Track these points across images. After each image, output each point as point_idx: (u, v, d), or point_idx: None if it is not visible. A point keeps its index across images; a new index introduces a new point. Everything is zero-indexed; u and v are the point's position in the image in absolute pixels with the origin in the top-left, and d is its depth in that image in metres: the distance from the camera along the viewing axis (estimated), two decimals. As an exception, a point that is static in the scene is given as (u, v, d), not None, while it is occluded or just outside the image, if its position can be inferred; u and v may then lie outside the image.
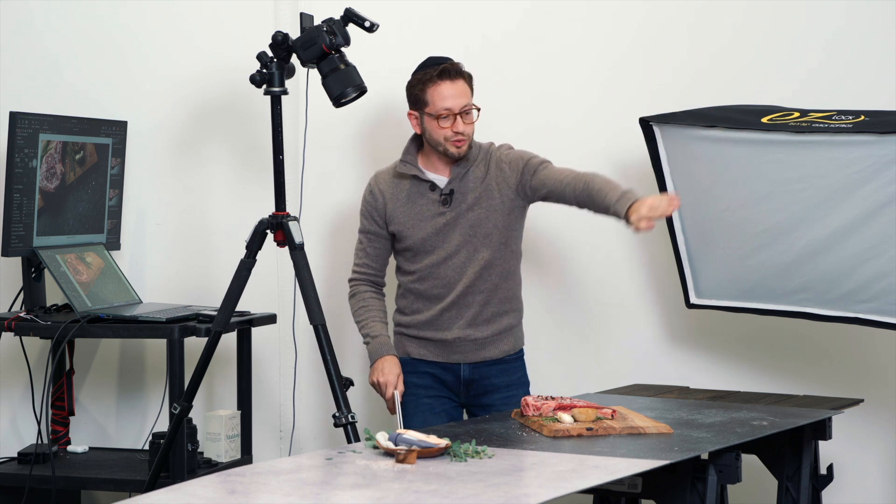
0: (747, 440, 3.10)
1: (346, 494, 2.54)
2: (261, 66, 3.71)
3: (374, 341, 3.70)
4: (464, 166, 3.67)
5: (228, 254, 4.30)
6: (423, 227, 3.67)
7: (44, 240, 4.17)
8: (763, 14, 4.12)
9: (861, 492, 4.09)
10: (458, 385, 3.71)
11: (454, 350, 3.69)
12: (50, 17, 4.64)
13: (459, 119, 3.61)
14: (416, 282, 3.71)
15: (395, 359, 3.68)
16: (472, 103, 3.65)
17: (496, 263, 3.67)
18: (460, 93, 3.62)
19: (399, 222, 3.69)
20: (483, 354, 3.70)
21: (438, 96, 3.61)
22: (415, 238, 3.68)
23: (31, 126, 4.09)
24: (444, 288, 3.67)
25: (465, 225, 3.65)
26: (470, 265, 3.66)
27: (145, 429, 4.55)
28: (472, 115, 3.64)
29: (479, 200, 3.65)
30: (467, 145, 3.64)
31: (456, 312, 3.67)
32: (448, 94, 3.60)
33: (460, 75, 3.63)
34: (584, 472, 2.70)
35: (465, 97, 3.63)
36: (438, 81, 3.61)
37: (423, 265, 3.69)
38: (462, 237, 3.65)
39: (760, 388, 4.07)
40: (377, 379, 3.66)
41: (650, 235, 4.21)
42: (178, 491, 2.56)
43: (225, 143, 4.54)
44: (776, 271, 3.77)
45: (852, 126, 3.53)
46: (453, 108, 3.60)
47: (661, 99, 4.07)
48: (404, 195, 3.70)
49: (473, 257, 3.65)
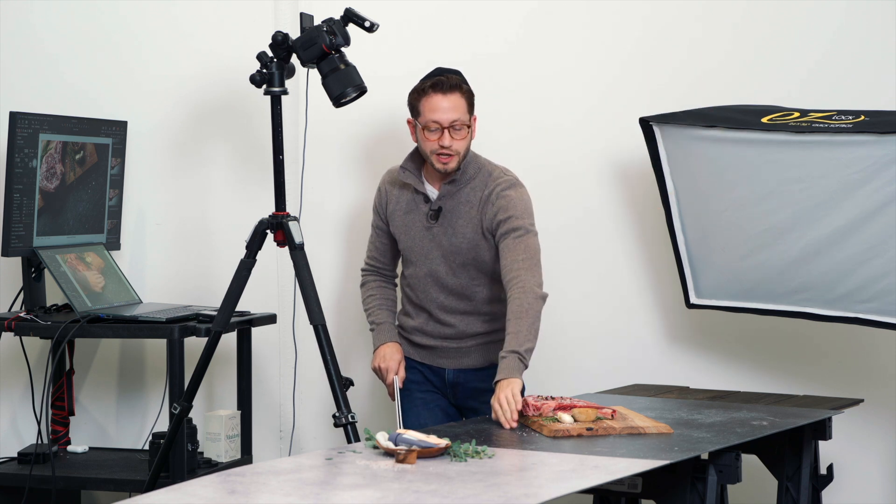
0: (747, 440, 3.10)
1: (346, 494, 2.53)
2: (261, 66, 3.71)
3: (378, 328, 3.76)
4: (456, 184, 3.62)
5: (228, 254, 4.30)
6: (412, 237, 3.69)
7: (44, 240, 4.16)
8: (763, 14, 4.11)
9: (861, 492, 4.09)
10: (445, 387, 3.74)
11: (438, 356, 3.72)
12: (50, 17, 4.64)
13: (447, 133, 3.55)
14: (407, 286, 3.77)
15: (396, 345, 3.73)
16: (465, 120, 3.57)
17: (477, 289, 3.67)
18: (451, 107, 3.55)
19: (395, 226, 3.73)
20: (466, 362, 3.72)
21: (428, 108, 3.56)
22: (404, 245, 3.72)
23: (31, 126, 4.09)
24: (424, 302, 3.71)
25: (446, 245, 3.64)
26: (445, 290, 3.67)
27: (145, 429, 4.55)
28: (463, 132, 3.56)
29: (466, 224, 3.61)
30: (455, 162, 3.58)
31: (438, 327, 3.71)
32: (438, 106, 3.54)
33: (455, 89, 3.56)
34: (584, 472, 2.70)
35: (456, 112, 3.55)
36: (431, 93, 3.55)
37: (410, 272, 3.74)
38: (442, 256, 3.65)
39: (760, 388, 4.07)
40: (378, 364, 3.72)
41: (650, 235, 4.22)
42: (178, 491, 2.56)
43: (225, 143, 4.54)
44: (776, 271, 3.77)
45: (852, 126, 3.53)
46: (441, 122, 3.54)
47: (661, 99, 4.07)
48: (403, 201, 3.71)
49: (451, 282, 3.66)
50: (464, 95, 3.58)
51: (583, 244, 4.29)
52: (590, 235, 4.28)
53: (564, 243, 4.28)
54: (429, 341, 3.72)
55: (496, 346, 3.65)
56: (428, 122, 3.56)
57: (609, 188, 4.26)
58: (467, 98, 3.59)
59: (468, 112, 3.59)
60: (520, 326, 3.40)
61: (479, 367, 3.72)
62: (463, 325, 3.69)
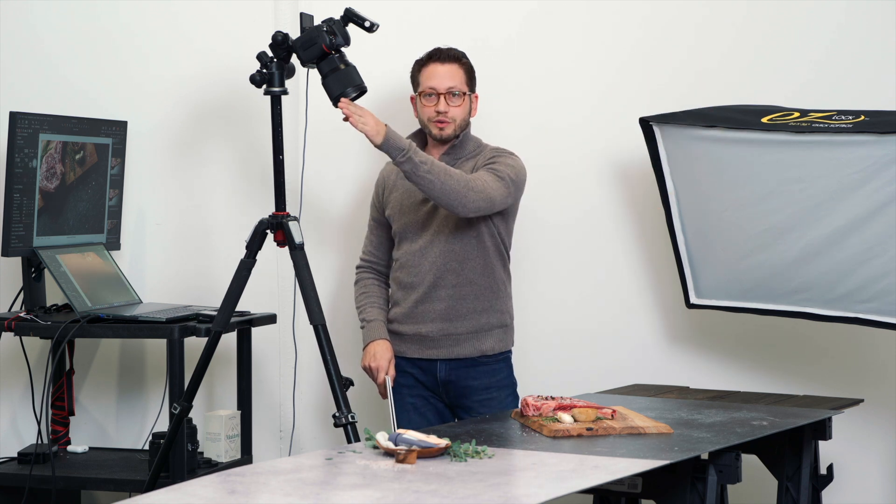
0: (747, 440, 3.10)
1: (346, 494, 2.53)
2: (261, 66, 3.71)
3: (368, 325, 3.78)
4: (453, 156, 3.69)
5: (228, 254, 4.30)
6: (407, 214, 3.74)
7: (44, 240, 4.16)
8: (763, 14, 4.11)
9: (861, 492, 4.09)
10: (437, 386, 3.74)
11: (430, 345, 3.71)
12: (50, 17, 4.64)
13: (443, 99, 3.66)
14: (398, 269, 3.78)
15: (386, 343, 3.74)
16: (462, 89, 3.68)
17: (470, 258, 3.69)
18: (447, 74, 3.68)
19: (391, 206, 3.78)
20: (458, 351, 3.71)
21: (426, 75, 3.71)
22: (400, 223, 3.76)
23: (31, 126, 4.09)
24: (416, 277, 3.73)
25: (441, 215, 3.69)
26: (441, 256, 3.70)
27: (145, 429, 4.55)
28: (459, 99, 3.68)
29: None
30: (451, 129, 3.68)
31: (429, 305, 3.71)
32: (434, 73, 3.69)
33: (453, 60, 3.70)
34: (584, 472, 2.70)
35: (453, 80, 3.68)
36: (428, 62, 3.72)
37: (402, 252, 3.76)
38: (437, 227, 3.70)
39: (760, 388, 4.07)
40: (368, 364, 3.73)
41: (650, 235, 4.22)
42: (178, 491, 2.56)
43: (225, 143, 4.54)
44: (776, 271, 3.77)
45: (852, 126, 3.53)
46: (437, 88, 3.67)
47: (661, 99, 4.07)
48: (401, 180, 3.74)
49: (446, 248, 3.69)
50: (462, 67, 3.72)
51: (583, 244, 4.29)
52: (590, 235, 4.28)
53: (564, 243, 4.28)
54: (419, 328, 3.71)
55: (487, 335, 3.70)
56: (425, 88, 3.69)
57: (609, 188, 4.26)
58: (466, 70, 3.72)
59: (466, 84, 3.72)
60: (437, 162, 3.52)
61: (471, 359, 3.71)
62: (454, 301, 3.69)
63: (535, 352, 4.25)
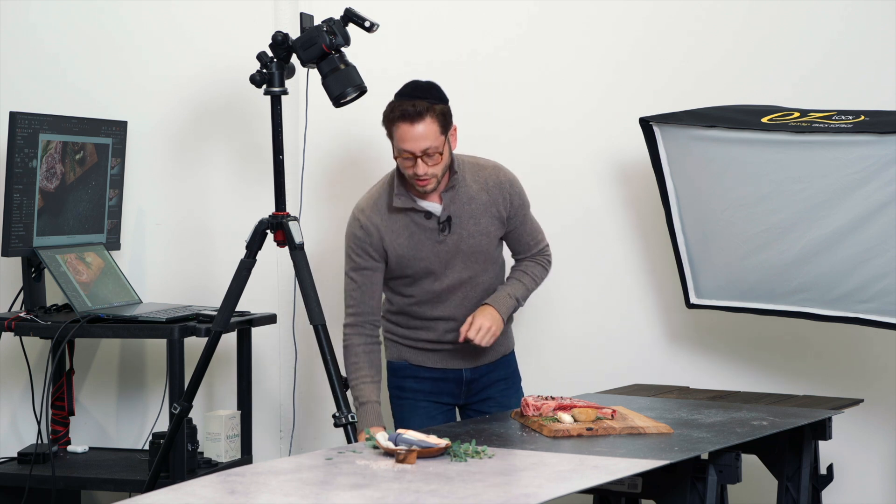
0: (747, 440, 3.10)
1: (346, 494, 2.53)
2: (261, 66, 3.71)
3: (363, 408, 3.53)
4: (451, 198, 3.53)
5: (228, 254, 4.30)
6: (425, 256, 3.56)
7: (44, 240, 4.17)
8: (763, 15, 4.12)
9: (861, 492, 4.09)
10: (460, 387, 3.69)
11: (452, 358, 3.67)
12: (50, 17, 4.64)
13: (420, 162, 3.42)
14: (416, 305, 3.63)
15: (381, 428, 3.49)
16: (438, 146, 3.40)
17: (494, 281, 3.66)
18: (420, 136, 3.38)
19: (400, 254, 3.55)
20: (482, 360, 3.69)
21: (398, 137, 3.41)
22: (416, 267, 3.57)
23: (31, 126, 4.09)
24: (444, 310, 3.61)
25: (465, 249, 3.56)
26: (472, 287, 3.60)
27: (145, 429, 4.55)
28: (436, 158, 3.42)
29: (473, 220, 3.55)
30: (433, 184, 3.46)
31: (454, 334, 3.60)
32: (407, 136, 3.39)
33: (423, 116, 3.37)
34: (584, 472, 2.71)
35: (427, 140, 3.39)
36: (399, 123, 3.39)
37: (423, 290, 3.60)
38: (463, 261, 3.58)
39: (760, 388, 4.07)
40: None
41: (650, 236, 4.22)
42: (178, 491, 2.56)
43: (225, 143, 4.54)
44: (776, 271, 3.78)
45: (852, 126, 3.53)
46: (413, 151, 3.40)
47: (661, 99, 4.07)
48: (401, 227, 3.55)
49: (474, 279, 3.60)
50: (435, 118, 3.40)
51: (583, 244, 4.29)
52: (590, 236, 4.29)
53: (564, 243, 4.28)
54: (444, 346, 3.67)
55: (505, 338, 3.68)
56: (400, 150, 3.43)
57: (609, 188, 4.27)
58: (439, 120, 3.41)
59: (441, 134, 3.42)
60: (525, 281, 3.66)
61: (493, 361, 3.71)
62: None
63: (536, 352, 4.25)
